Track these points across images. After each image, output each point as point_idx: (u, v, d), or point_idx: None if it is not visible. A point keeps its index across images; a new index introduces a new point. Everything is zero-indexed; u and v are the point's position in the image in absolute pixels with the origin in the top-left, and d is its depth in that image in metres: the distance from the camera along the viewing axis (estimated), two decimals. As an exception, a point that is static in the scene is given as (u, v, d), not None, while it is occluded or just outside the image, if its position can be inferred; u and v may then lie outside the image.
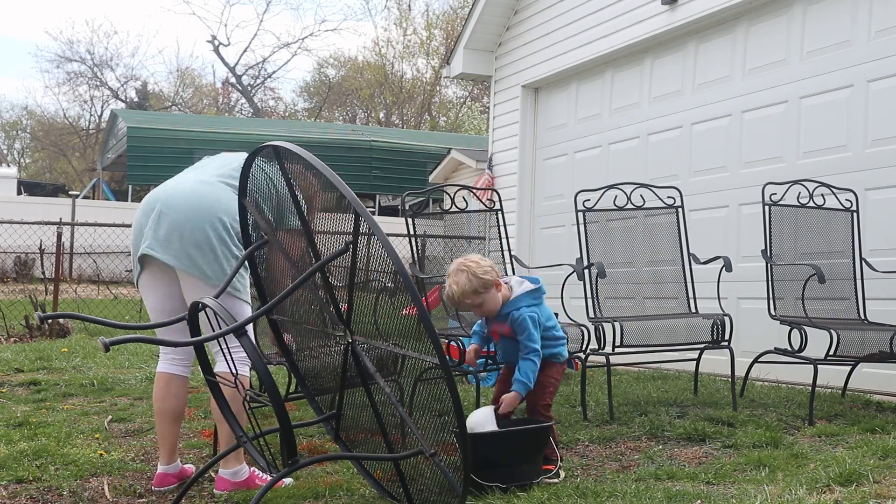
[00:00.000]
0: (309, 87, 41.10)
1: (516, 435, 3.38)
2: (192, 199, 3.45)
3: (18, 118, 43.65)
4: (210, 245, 3.40)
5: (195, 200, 3.44)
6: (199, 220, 3.41)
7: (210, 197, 3.46)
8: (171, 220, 3.43)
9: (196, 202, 3.44)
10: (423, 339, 2.87)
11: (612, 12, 7.56)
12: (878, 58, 5.59)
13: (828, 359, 4.40)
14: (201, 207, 3.43)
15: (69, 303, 11.65)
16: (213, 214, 3.42)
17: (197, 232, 3.40)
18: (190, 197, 3.46)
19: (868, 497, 2.92)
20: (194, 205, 3.43)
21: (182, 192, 3.49)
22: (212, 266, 3.41)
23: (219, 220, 3.42)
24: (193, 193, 3.47)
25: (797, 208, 5.06)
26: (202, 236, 3.40)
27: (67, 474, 3.61)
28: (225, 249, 3.43)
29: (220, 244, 3.42)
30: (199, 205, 3.43)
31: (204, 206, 3.43)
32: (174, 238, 3.42)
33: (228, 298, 3.42)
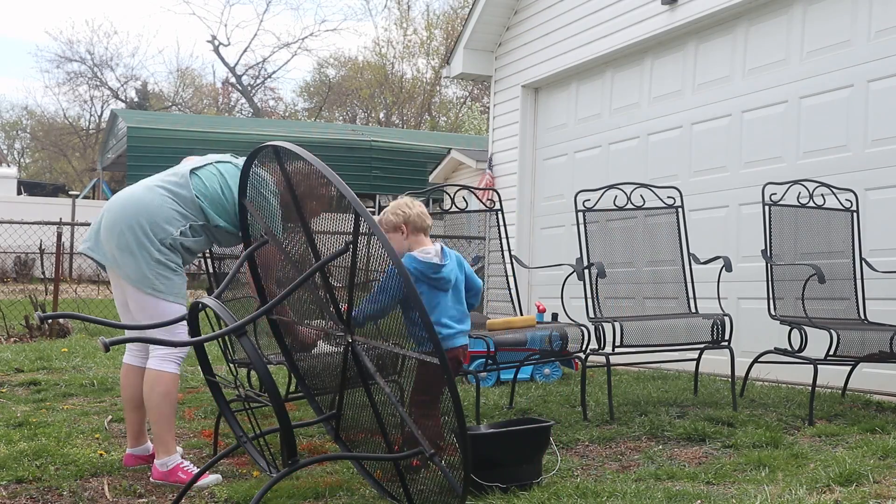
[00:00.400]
0: (309, 87, 41.11)
1: (516, 435, 3.38)
2: (125, 203, 3.66)
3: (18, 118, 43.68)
4: (129, 248, 3.59)
5: (126, 204, 3.65)
6: (122, 224, 3.60)
7: (139, 202, 3.64)
8: (104, 222, 3.68)
9: (125, 206, 3.64)
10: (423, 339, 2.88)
11: (612, 12, 7.56)
12: (878, 58, 5.59)
13: (828, 359, 4.40)
14: (126, 211, 3.62)
15: (69, 303, 11.65)
16: (133, 218, 3.59)
17: (119, 235, 3.60)
18: (125, 201, 3.67)
19: (868, 497, 2.92)
20: (123, 208, 3.64)
21: (121, 196, 3.72)
22: (131, 268, 3.60)
23: (138, 225, 3.59)
24: (130, 197, 3.68)
25: (797, 208, 5.06)
26: (122, 240, 3.60)
27: (67, 474, 3.61)
28: (145, 254, 3.59)
29: (138, 248, 3.58)
30: (125, 208, 3.63)
31: (129, 210, 3.62)
32: (104, 239, 3.67)
33: (150, 298, 3.59)
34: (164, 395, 3.61)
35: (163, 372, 3.62)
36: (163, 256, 3.60)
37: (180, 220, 3.64)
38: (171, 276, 3.63)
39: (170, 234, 3.61)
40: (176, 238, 3.62)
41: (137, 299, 3.63)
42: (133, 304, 3.66)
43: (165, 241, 3.60)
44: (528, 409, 4.95)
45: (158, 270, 3.59)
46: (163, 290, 3.61)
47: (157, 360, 3.64)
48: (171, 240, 3.61)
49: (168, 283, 3.62)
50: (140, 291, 3.61)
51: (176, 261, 3.65)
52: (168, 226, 3.61)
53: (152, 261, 3.58)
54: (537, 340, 4.83)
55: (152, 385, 3.62)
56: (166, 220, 3.61)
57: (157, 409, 3.61)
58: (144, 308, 3.61)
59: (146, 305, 3.60)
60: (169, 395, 3.62)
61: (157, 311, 3.56)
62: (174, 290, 3.64)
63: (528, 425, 3.45)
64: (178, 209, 3.64)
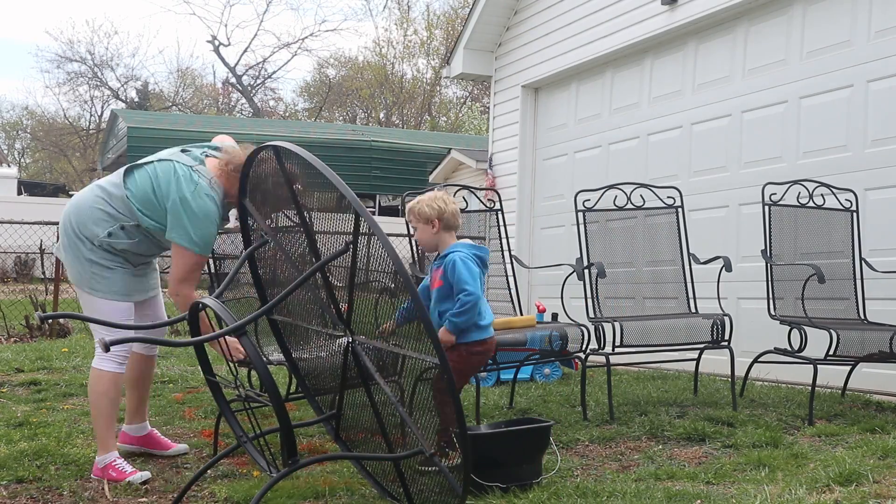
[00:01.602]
0: (309, 87, 41.09)
1: (516, 435, 3.38)
2: (68, 204, 3.75)
3: (19, 118, 43.66)
4: (66, 248, 3.69)
5: (69, 205, 3.74)
6: (62, 224, 3.72)
7: (76, 202, 3.73)
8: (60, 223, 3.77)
9: (67, 207, 3.74)
10: (423, 339, 2.88)
11: (612, 12, 7.56)
12: (878, 58, 5.59)
13: (828, 359, 4.40)
14: (67, 211, 3.72)
15: (69, 303, 11.64)
16: (67, 218, 3.69)
17: (61, 235, 3.72)
18: (70, 202, 3.76)
19: (868, 497, 2.92)
20: (66, 209, 3.73)
21: (72, 198, 3.81)
22: (70, 267, 3.71)
23: (70, 225, 3.68)
24: (74, 198, 3.76)
25: (797, 208, 5.06)
26: (63, 240, 3.71)
27: (68, 474, 3.62)
28: (77, 253, 3.66)
29: (72, 248, 3.67)
30: (67, 209, 3.73)
31: (68, 211, 3.71)
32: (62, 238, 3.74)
33: (87, 297, 3.68)
34: (102, 393, 3.65)
35: (102, 371, 3.66)
36: (94, 256, 3.65)
37: (108, 220, 3.65)
38: (107, 275, 3.66)
39: (96, 234, 3.63)
40: (103, 239, 3.63)
41: (80, 298, 3.74)
42: (81, 303, 3.76)
43: (94, 240, 3.64)
44: (528, 409, 4.95)
45: (92, 270, 3.64)
46: (98, 289, 3.65)
47: (98, 358, 3.69)
48: (99, 241, 3.63)
49: (104, 282, 3.65)
50: (80, 290, 3.70)
51: (111, 259, 3.67)
52: (95, 226, 3.64)
53: (84, 260, 3.64)
54: (537, 340, 4.83)
55: (93, 383, 3.68)
56: (94, 220, 3.64)
57: (96, 407, 3.66)
58: (85, 306, 3.69)
59: (85, 304, 3.69)
60: (107, 394, 3.65)
61: (96, 310, 3.59)
62: (112, 288, 3.66)
63: (528, 425, 3.45)
64: (108, 209, 3.65)
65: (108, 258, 3.66)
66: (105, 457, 3.62)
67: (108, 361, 3.66)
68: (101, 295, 3.65)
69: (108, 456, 3.62)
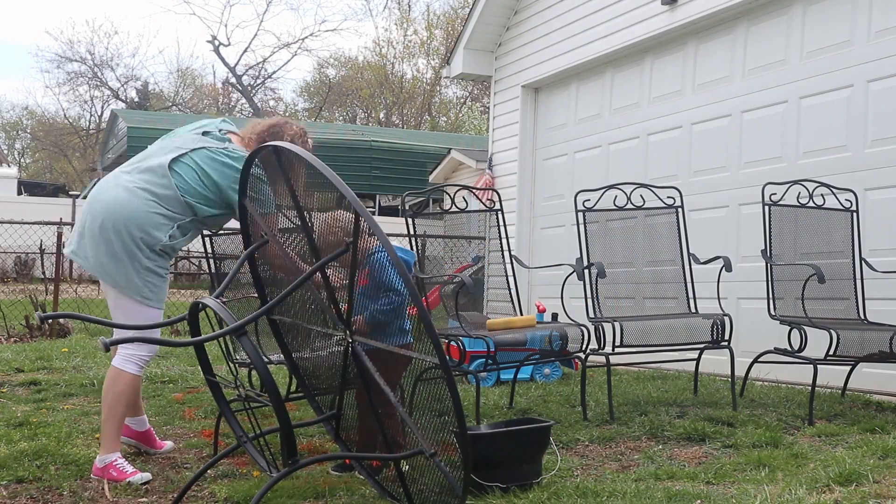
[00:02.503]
0: (309, 87, 41.10)
1: (516, 435, 3.38)
2: (110, 208, 3.59)
3: (19, 118, 43.67)
4: (118, 256, 3.56)
5: (112, 209, 3.58)
6: (110, 231, 3.56)
7: (125, 207, 3.59)
8: (89, 226, 3.62)
9: (110, 211, 3.58)
10: (423, 339, 2.88)
11: (612, 12, 7.56)
12: (878, 58, 5.59)
13: (828, 359, 4.40)
14: (114, 217, 3.57)
15: (69, 303, 11.65)
16: (122, 226, 3.56)
17: (108, 242, 3.57)
18: (109, 205, 3.60)
19: (868, 497, 2.92)
20: (109, 213, 3.58)
21: (104, 199, 3.64)
22: (121, 275, 3.58)
23: (127, 233, 3.56)
24: (114, 202, 3.60)
25: (797, 208, 5.06)
26: (111, 247, 3.56)
27: (68, 474, 3.61)
28: (135, 262, 3.57)
29: (128, 256, 3.56)
30: (111, 214, 3.58)
31: (117, 217, 3.57)
32: (89, 244, 3.62)
33: (136, 305, 3.59)
34: (120, 394, 3.63)
35: (123, 372, 3.65)
36: (153, 263, 3.60)
37: (168, 223, 3.62)
38: (159, 284, 3.65)
39: (159, 240, 3.60)
40: (166, 243, 3.61)
41: (123, 305, 3.63)
42: (117, 309, 3.66)
43: (155, 247, 3.59)
44: (528, 409, 4.95)
45: (147, 278, 3.60)
46: (150, 298, 3.62)
47: (121, 359, 3.67)
48: (162, 245, 3.60)
49: (156, 291, 3.63)
50: (127, 297, 3.61)
51: (165, 265, 3.67)
52: (157, 232, 3.59)
53: (143, 269, 3.58)
54: (537, 340, 4.84)
55: (111, 382, 3.65)
56: (155, 226, 3.59)
57: (110, 407, 3.63)
58: (129, 313, 3.60)
59: (131, 311, 3.60)
60: (124, 395, 3.64)
61: (141, 317, 3.56)
62: (160, 297, 3.66)
63: (528, 425, 3.45)
64: (165, 212, 3.62)
65: (163, 264, 3.64)
66: (107, 456, 3.61)
67: (130, 363, 3.65)
68: (150, 304, 3.61)
69: (109, 455, 3.61)
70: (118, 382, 3.64)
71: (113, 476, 3.54)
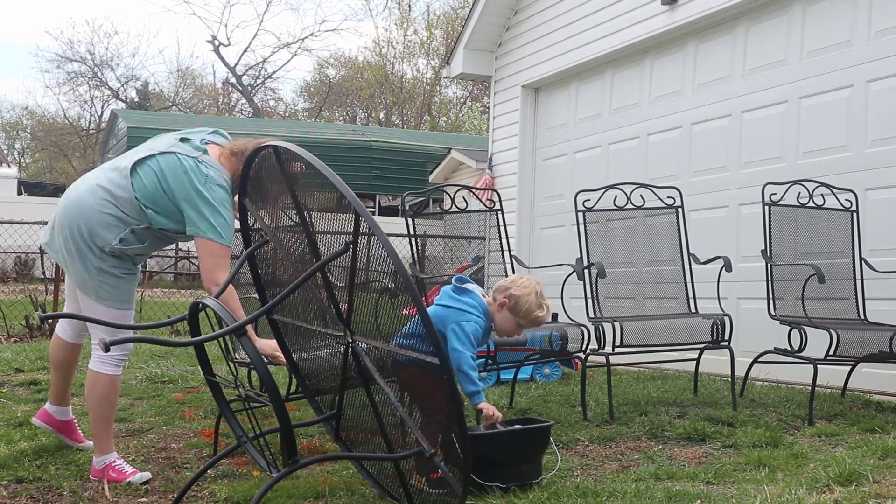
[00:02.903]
0: (309, 87, 41.12)
1: (516, 435, 3.38)
2: (68, 205, 3.60)
3: (19, 118, 43.69)
4: (72, 252, 3.55)
5: (69, 206, 3.58)
6: (66, 227, 3.56)
7: (80, 204, 3.57)
8: (56, 221, 3.63)
9: (68, 207, 3.58)
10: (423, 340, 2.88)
11: (612, 12, 7.56)
12: (878, 58, 5.59)
13: (828, 359, 4.40)
14: (69, 214, 3.56)
15: (69, 303, 11.64)
16: (74, 223, 3.53)
17: (65, 239, 3.56)
18: (69, 201, 3.61)
19: (868, 497, 2.92)
20: (67, 210, 3.58)
21: (68, 195, 3.66)
22: (76, 272, 3.57)
23: (78, 230, 3.53)
24: (74, 198, 3.60)
25: (797, 208, 5.06)
26: (67, 244, 3.56)
27: (68, 474, 3.61)
28: (86, 261, 3.54)
29: (79, 254, 3.54)
30: (68, 211, 3.57)
31: (71, 214, 3.56)
32: (59, 239, 3.61)
33: (93, 304, 3.56)
34: (102, 396, 3.61)
35: (99, 374, 3.61)
36: (105, 264, 3.52)
37: (119, 225, 3.52)
38: (116, 283, 3.56)
39: (108, 241, 3.50)
40: (115, 246, 3.52)
41: (83, 302, 3.62)
42: (81, 305, 3.65)
43: (104, 248, 3.52)
44: (528, 409, 4.94)
45: (101, 279, 3.53)
46: (106, 298, 3.55)
47: (96, 361, 3.62)
48: (111, 248, 3.52)
49: (112, 291, 3.56)
50: (84, 295, 3.59)
51: (121, 267, 3.57)
52: (106, 232, 3.50)
53: (93, 269, 3.52)
54: (537, 340, 4.84)
55: (91, 386, 3.63)
56: (104, 226, 3.50)
57: (95, 410, 3.62)
58: (90, 311, 3.55)
59: (91, 310, 3.56)
60: (107, 397, 3.61)
61: (105, 318, 3.48)
62: (119, 297, 3.58)
63: (528, 425, 3.45)
64: (118, 213, 3.52)
65: (117, 265, 3.55)
66: (104, 458, 3.60)
67: (106, 364, 3.61)
68: (107, 304, 3.55)
69: (107, 457, 3.61)
70: (97, 385, 3.61)
71: (112, 477, 3.54)
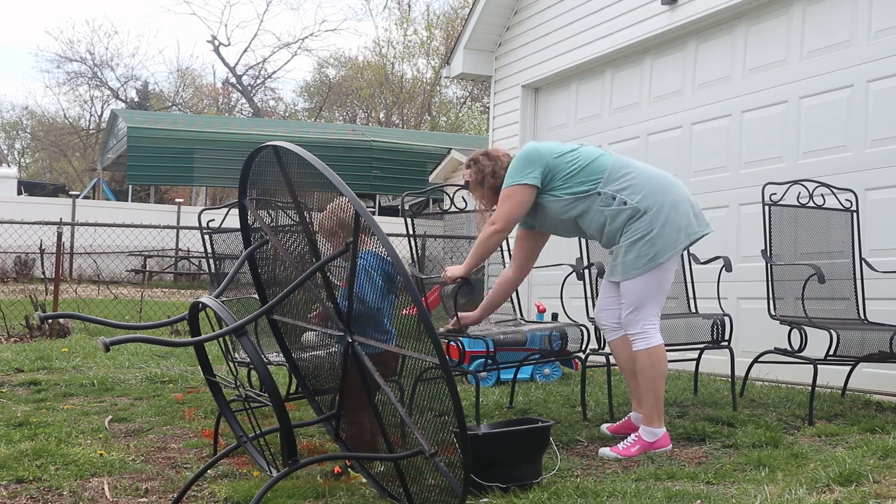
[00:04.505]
0: (309, 87, 41.12)
1: (516, 435, 3.38)
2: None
3: (19, 118, 43.70)
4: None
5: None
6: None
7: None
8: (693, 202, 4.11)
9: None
10: (423, 339, 2.88)
11: (611, 12, 7.56)
12: (878, 58, 5.59)
13: (828, 359, 4.40)
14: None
15: (69, 303, 11.66)
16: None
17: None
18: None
19: (868, 497, 2.92)
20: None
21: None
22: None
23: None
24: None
25: (797, 208, 5.06)
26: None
27: (68, 474, 3.61)
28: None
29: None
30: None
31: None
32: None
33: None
34: (652, 368, 3.86)
35: (649, 348, 3.88)
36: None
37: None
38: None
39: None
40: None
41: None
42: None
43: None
44: (528, 409, 4.95)
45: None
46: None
47: (639, 340, 3.90)
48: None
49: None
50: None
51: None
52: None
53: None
54: (537, 340, 4.84)
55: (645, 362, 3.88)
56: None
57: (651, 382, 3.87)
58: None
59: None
60: (656, 368, 3.87)
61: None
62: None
63: (528, 425, 3.46)
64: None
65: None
66: (653, 430, 3.85)
67: (644, 340, 3.89)
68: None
69: (658, 430, 3.86)
70: (652, 357, 3.90)
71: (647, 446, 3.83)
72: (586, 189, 3.92)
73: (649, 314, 3.89)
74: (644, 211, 3.84)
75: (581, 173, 3.94)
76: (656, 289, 3.89)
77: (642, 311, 3.88)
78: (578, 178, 3.93)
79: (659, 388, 3.87)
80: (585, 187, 3.92)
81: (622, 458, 3.76)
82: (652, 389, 3.86)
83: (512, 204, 4.01)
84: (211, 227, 4.55)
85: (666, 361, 3.93)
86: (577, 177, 3.94)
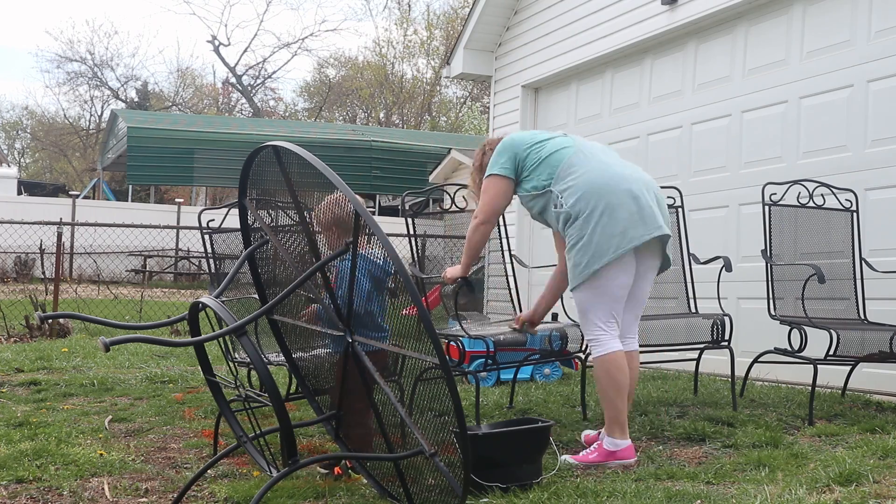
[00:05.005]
0: (309, 87, 41.13)
1: (516, 435, 3.38)
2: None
3: (19, 118, 43.70)
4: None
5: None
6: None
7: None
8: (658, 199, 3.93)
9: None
10: (423, 339, 2.88)
11: (611, 12, 7.56)
12: (878, 58, 5.59)
13: (828, 359, 4.40)
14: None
15: (69, 303, 11.66)
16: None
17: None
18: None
19: (868, 497, 2.92)
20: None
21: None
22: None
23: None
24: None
25: (797, 208, 5.06)
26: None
27: (67, 474, 3.61)
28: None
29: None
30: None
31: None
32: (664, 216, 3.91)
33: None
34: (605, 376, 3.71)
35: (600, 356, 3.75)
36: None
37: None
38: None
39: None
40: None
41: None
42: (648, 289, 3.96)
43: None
44: (528, 409, 4.95)
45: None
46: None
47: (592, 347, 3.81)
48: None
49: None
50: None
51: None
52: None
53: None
54: (537, 340, 4.84)
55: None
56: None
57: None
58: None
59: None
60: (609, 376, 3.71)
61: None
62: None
63: (528, 425, 3.46)
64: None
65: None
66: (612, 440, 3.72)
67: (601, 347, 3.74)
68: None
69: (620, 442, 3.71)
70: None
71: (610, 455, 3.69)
72: (542, 185, 3.76)
73: (596, 321, 3.71)
74: (575, 216, 3.64)
75: (540, 167, 3.77)
76: (600, 296, 3.70)
77: (587, 319, 3.74)
78: (538, 171, 3.78)
79: (613, 398, 3.66)
80: (542, 183, 3.75)
81: (581, 464, 3.64)
82: (606, 399, 3.69)
83: (489, 195, 3.87)
84: (211, 227, 4.55)
85: (623, 370, 3.69)
86: (537, 170, 3.78)
